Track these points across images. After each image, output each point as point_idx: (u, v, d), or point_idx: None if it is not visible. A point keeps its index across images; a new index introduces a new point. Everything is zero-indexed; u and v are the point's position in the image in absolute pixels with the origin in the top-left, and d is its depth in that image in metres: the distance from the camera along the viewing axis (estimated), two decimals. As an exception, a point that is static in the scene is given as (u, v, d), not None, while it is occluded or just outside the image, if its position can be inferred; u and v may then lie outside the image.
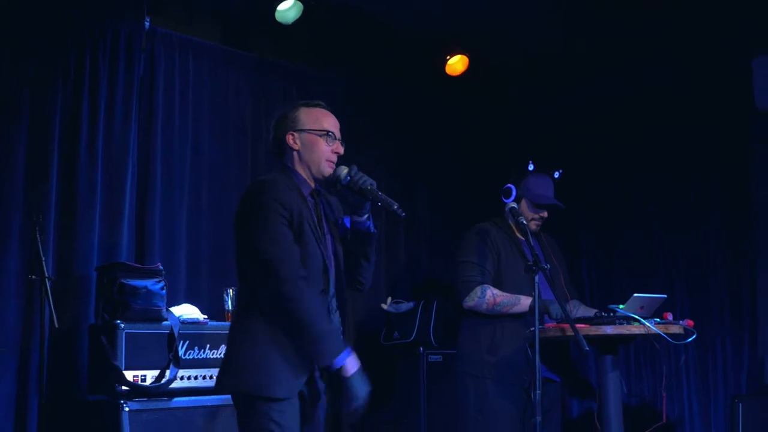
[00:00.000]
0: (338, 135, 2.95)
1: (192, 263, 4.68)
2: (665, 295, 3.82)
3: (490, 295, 3.90)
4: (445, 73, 5.58)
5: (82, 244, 4.23)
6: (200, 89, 4.86)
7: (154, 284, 3.97)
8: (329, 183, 2.94)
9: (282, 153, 2.95)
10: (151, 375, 3.83)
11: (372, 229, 2.94)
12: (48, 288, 3.63)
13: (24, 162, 4.11)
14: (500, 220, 4.13)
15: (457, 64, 5.59)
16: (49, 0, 4.25)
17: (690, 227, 5.42)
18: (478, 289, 3.92)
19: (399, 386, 5.17)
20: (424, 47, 5.44)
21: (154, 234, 4.51)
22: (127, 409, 3.70)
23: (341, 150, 2.94)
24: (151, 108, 4.62)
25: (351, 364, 2.74)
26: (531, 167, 4.07)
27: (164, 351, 3.87)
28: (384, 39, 5.38)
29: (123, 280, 3.92)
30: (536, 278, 3.39)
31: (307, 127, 2.91)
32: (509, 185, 4.05)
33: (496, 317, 3.92)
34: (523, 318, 3.83)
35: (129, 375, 3.75)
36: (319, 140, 2.90)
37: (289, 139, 2.92)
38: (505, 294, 3.90)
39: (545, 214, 4.12)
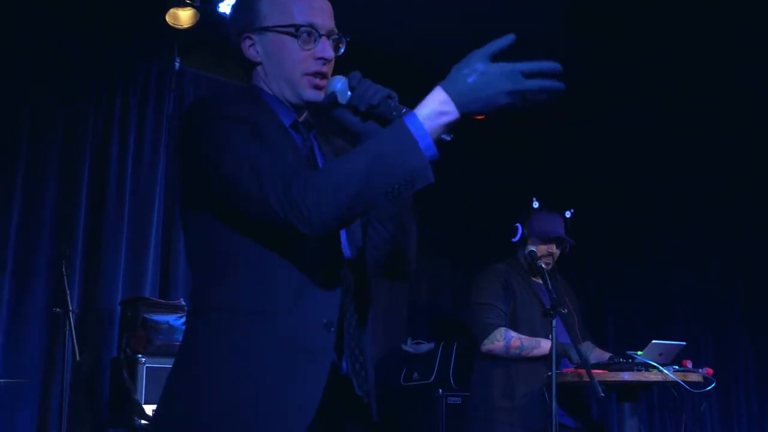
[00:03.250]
0: (326, 26, 1.74)
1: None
2: (684, 342, 3.78)
3: (511, 339, 3.85)
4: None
5: (107, 277, 4.31)
6: (228, 128, 4.93)
7: (175, 320, 4.02)
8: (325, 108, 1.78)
9: (246, 71, 1.80)
10: (170, 410, 3.85)
11: None
12: (71, 321, 3.66)
13: (54, 196, 4.21)
14: (514, 261, 4.08)
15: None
16: (85, 36, 4.38)
17: (713, 271, 5.38)
18: (497, 333, 3.87)
19: (418, 429, 5.14)
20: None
21: (178, 269, 4.57)
22: (145, 443, 3.73)
23: (329, 53, 1.73)
24: (179, 146, 4.69)
25: (434, 120, 1.53)
26: (536, 205, 3.98)
27: (184, 386, 3.90)
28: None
29: (146, 315, 3.98)
30: (554, 322, 3.37)
31: (269, 23, 1.72)
32: (516, 224, 4.00)
33: (511, 360, 3.88)
34: (538, 362, 3.80)
35: (149, 409, 3.78)
36: (289, 42, 1.72)
37: (246, 45, 1.75)
38: (525, 337, 3.87)
39: (554, 250, 4.04)
